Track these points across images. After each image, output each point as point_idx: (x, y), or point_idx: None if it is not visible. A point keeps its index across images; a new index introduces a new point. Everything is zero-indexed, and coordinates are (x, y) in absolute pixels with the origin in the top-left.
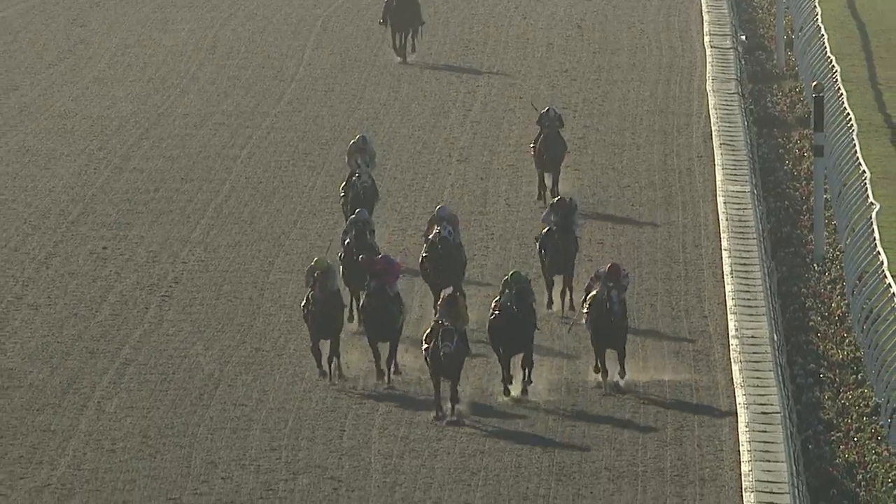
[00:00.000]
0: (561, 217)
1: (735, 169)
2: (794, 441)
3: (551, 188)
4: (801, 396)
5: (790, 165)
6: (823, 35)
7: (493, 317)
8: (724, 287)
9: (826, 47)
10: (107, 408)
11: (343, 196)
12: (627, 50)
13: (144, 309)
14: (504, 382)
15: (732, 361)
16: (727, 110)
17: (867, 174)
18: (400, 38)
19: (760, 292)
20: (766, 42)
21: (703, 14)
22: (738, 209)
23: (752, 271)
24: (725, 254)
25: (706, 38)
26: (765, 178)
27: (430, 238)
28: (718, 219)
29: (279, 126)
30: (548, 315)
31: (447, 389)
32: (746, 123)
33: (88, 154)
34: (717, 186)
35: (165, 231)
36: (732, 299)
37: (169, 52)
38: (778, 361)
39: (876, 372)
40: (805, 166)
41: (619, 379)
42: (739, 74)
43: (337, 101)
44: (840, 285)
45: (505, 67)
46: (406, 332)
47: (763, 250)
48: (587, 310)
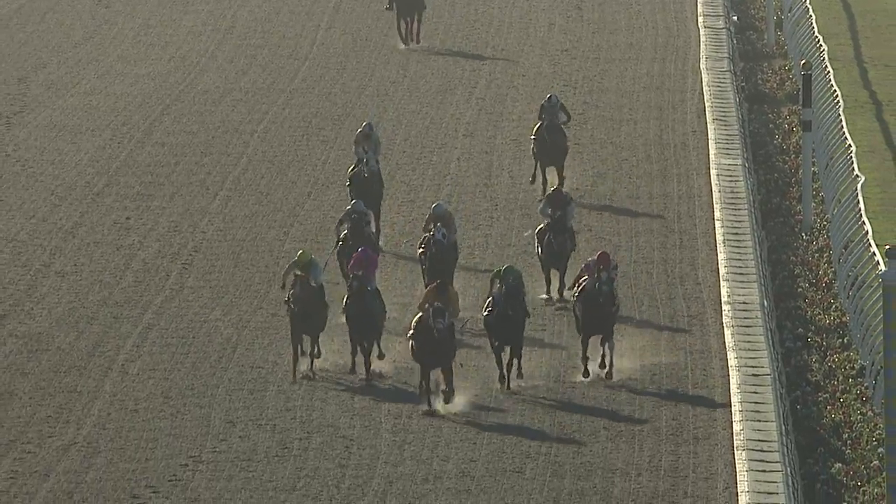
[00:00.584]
0: (556, 210)
1: (727, 143)
2: (784, 402)
3: (558, 180)
4: (790, 359)
5: (780, 140)
6: (811, 16)
7: (487, 313)
8: (717, 255)
9: (814, 27)
10: (130, 370)
11: (349, 182)
12: (625, 30)
13: (166, 276)
14: (499, 367)
15: (725, 326)
16: (720, 87)
17: (853, 148)
18: (406, 25)
19: (751, 260)
20: (757, 22)
21: None
22: (731, 181)
23: (744, 240)
24: (718, 224)
25: (700, 19)
26: (756, 152)
27: (426, 237)
28: (711, 190)
29: (294, 103)
30: (542, 307)
31: (435, 383)
32: (738, 100)
33: (113, 129)
34: (711, 160)
35: (186, 202)
36: (725, 267)
37: (189, 32)
38: (768, 326)
39: (861, 336)
40: (794, 140)
41: (604, 377)
42: (731, 53)
43: (348, 79)
44: (827, 254)
45: (508, 47)
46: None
47: (754, 220)
48: (576, 297)
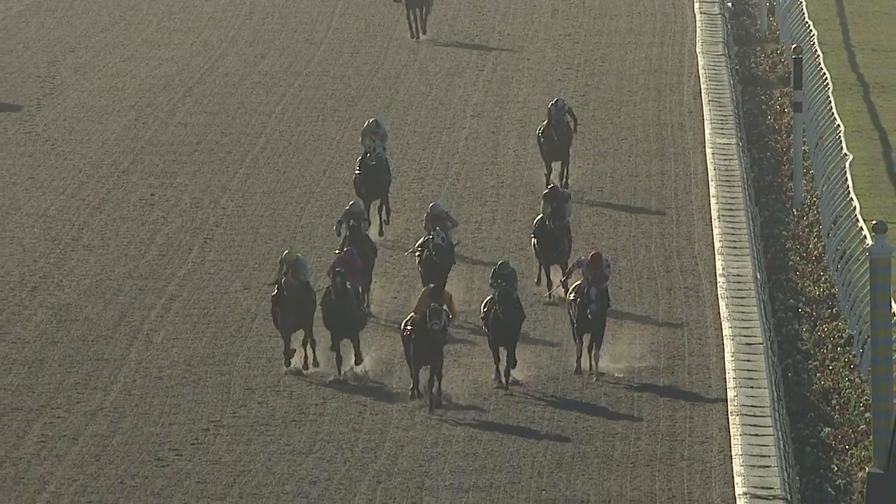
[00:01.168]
0: (553, 206)
1: (722, 123)
2: (775, 369)
3: (561, 176)
4: (782, 329)
5: (772, 120)
6: (802, 2)
7: (483, 313)
8: (712, 230)
9: (804, 13)
10: (154, 339)
11: (357, 173)
12: (625, 15)
13: (188, 250)
14: (495, 363)
15: (719, 297)
16: (715, 70)
17: (841, 128)
18: (414, 17)
19: (745, 235)
20: (751, 8)
21: None
22: (725, 160)
23: (738, 216)
24: (713, 200)
25: (696, 5)
26: (749, 132)
27: (424, 241)
28: (707, 168)
29: (310, 85)
30: (538, 301)
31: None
32: (732, 82)
33: (138, 110)
34: (706, 139)
35: (207, 179)
36: (719, 241)
37: (210, 18)
38: (761, 297)
39: (849, 307)
40: (785, 121)
41: (594, 374)
42: (726, 38)
43: (362, 63)
44: (817, 228)
45: (514, 32)
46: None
47: (747, 197)
48: (571, 298)
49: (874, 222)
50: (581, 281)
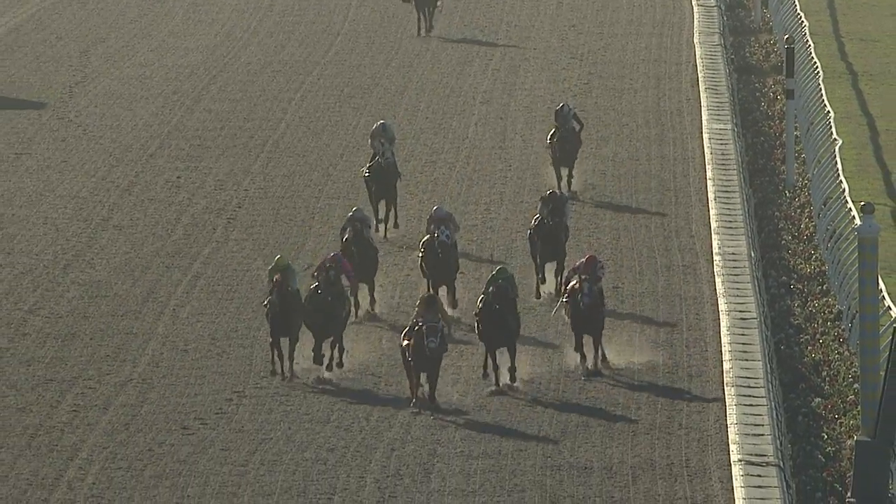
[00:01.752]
0: (552, 209)
1: (718, 110)
2: (769, 343)
3: (567, 181)
4: (775, 304)
5: (765, 107)
6: None
7: (478, 312)
8: (709, 211)
9: (796, 5)
10: (180, 314)
11: (367, 174)
12: (626, 7)
13: (212, 230)
14: (489, 369)
15: (716, 275)
16: (711, 59)
17: (831, 114)
18: (423, 17)
19: (740, 215)
20: (745, 1)
21: None
22: (721, 144)
23: (733, 197)
24: (710, 182)
25: None
26: (744, 118)
27: (428, 239)
28: (704, 153)
29: (327, 73)
30: (536, 304)
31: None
32: (728, 71)
33: (164, 97)
34: (703, 125)
35: (230, 163)
36: (716, 221)
37: (233, 10)
38: (755, 275)
39: (838, 283)
40: (778, 107)
41: (601, 366)
42: (722, 29)
43: (377, 52)
44: (808, 209)
45: (520, 23)
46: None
47: (742, 179)
48: (567, 300)
49: (862, 203)
50: (575, 281)
